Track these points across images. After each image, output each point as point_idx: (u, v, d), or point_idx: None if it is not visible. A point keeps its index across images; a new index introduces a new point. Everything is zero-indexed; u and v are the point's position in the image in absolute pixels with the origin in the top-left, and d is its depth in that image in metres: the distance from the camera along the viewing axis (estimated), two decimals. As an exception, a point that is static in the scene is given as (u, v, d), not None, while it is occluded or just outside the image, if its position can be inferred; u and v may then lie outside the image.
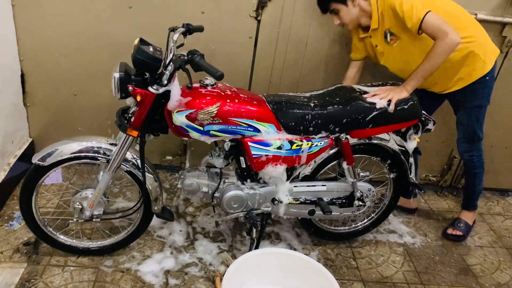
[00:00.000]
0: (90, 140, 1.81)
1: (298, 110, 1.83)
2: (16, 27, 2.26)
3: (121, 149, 1.76)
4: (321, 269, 1.76)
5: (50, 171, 1.80)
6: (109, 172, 1.79)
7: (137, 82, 1.65)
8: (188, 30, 1.75)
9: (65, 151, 1.76)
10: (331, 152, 1.98)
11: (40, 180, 1.82)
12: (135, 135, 1.73)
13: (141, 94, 1.63)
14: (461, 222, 2.52)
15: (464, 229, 2.50)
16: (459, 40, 1.81)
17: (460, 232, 2.48)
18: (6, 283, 1.81)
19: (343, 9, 2.01)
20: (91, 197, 1.84)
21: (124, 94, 1.66)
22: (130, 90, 1.63)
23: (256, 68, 2.46)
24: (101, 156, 1.79)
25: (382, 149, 2.08)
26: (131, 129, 1.71)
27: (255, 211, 1.99)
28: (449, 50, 1.82)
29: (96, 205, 1.86)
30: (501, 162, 2.84)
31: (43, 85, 2.43)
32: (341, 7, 2.01)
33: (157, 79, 1.64)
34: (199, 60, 1.60)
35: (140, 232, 2.06)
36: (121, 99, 1.68)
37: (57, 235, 1.98)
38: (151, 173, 1.88)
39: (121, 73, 1.63)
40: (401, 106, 1.88)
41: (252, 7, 2.29)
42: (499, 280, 2.22)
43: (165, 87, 1.65)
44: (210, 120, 1.72)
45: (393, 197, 2.26)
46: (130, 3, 2.24)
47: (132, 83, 1.64)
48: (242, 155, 1.90)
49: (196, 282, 1.96)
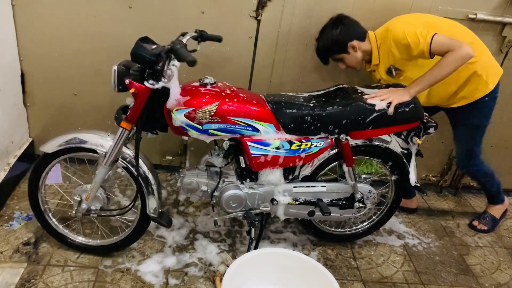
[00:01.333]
0: (92, 133, 1.87)
1: (297, 110, 1.83)
2: (16, 27, 2.26)
3: (117, 143, 1.77)
4: (321, 269, 1.76)
5: (54, 161, 1.89)
6: (105, 166, 1.81)
7: (135, 76, 1.66)
8: (200, 35, 1.75)
9: (68, 140, 1.85)
10: (331, 153, 1.98)
11: (46, 168, 1.90)
12: (129, 128, 1.74)
13: (136, 88, 1.65)
14: (486, 216, 2.60)
15: (490, 222, 2.58)
16: (472, 54, 1.81)
17: (485, 226, 2.57)
18: (6, 283, 1.81)
19: (346, 56, 2.07)
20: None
21: (121, 87, 1.67)
22: (127, 83, 1.64)
23: (256, 68, 2.46)
24: (100, 150, 1.81)
25: (383, 151, 2.07)
26: (126, 122, 1.73)
27: (254, 211, 1.99)
28: (461, 61, 1.82)
29: (92, 198, 1.88)
30: (501, 162, 2.84)
31: (43, 85, 2.43)
32: (344, 56, 2.06)
33: (153, 74, 1.65)
34: (177, 47, 1.57)
35: (138, 235, 2.03)
36: (119, 92, 1.69)
37: (61, 227, 2.02)
38: (150, 173, 1.87)
39: (120, 66, 1.65)
40: (402, 108, 1.87)
41: (252, 7, 2.29)
42: (499, 280, 2.22)
43: (161, 82, 1.65)
44: (208, 119, 1.73)
45: (394, 200, 2.24)
46: (130, 3, 2.24)
47: (130, 77, 1.65)
48: (241, 155, 1.90)
49: (196, 282, 1.96)
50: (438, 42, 1.83)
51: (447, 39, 1.84)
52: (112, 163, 1.81)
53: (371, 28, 2.12)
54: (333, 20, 2.07)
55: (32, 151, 2.60)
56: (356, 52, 2.05)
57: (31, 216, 2.20)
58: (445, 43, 1.83)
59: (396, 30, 1.94)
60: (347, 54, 2.06)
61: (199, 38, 1.78)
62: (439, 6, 2.31)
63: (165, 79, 1.64)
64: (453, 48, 1.81)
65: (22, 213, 2.22)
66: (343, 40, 2.02)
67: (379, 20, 2.31)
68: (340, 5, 2.28)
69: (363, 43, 2.04)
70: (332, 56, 2.11)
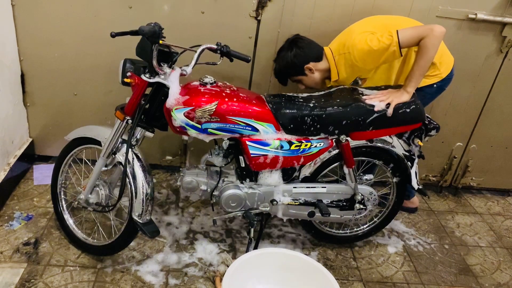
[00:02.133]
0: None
1: (297, 111, 1.82)
2: (16, 27, 2.26)
3: (114, 135, 1.81)
4: (321, 269, 1.76)
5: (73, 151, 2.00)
6: (103, 157, 1.84)
7: (138, 69, 1.72)
8: (220, 49, 1.75)
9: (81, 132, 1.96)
10: (332, 153, 1.97)
11: (68, 155, 2.01)
12: (121, 118, 1.77)
13: (133, 79, 1.71)
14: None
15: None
16: (443, 29, 1.80)
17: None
18: (6, 283, 1.81)
19: (304, 78, 2.06)
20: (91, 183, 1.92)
21: (125, 80, 1.73)
22: (128, 75, 1.71)
23: (256, 68, 2.46)
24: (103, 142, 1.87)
25: (385, 152, 2.06)
26: (120, 112, 1.78)
27: (253, 211, 1.99)
28: (438, 41, 1.81)
29: (90, 190, 1.92)
30: (501, 162, 2.84)
31: (43, 85, 2.43)
32: (301, 78, 2.05)
33: (150, 69, 1.69)
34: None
35: (128, 238, 1.97)
36: (123, 85, 1.75)
37: (67, 212, 2.10)
38: (142, 175, 1.82)
39: (127, 59, 1.74)
40: (403, 109, 1.87)
41: (252, 7, 2.29)
42: (499, 280, 2.22)
43: (157, 77, 1.69)
44: (208, 118, 1.73)
45: (396, 202, 2.23)
46: (130, 3, 2.24)
47: (132, 70, 1.72)
48: (241, 154, 1.90)
49: (196, 282, 1.96)
50: (406, 36, 1.80)
51: (412, 30, 1.82)
52: (110, 155, 1.84)
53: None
54: (289, 42, 2.04)
55: (32, 151, 2.60)
56: (313, 73, 2.02)
57: (31, 216, 2.20)
58: (413, 34, 1.80)
59: (357, 43, 1.87)
60: (304, 76, 2.04)
61: (217, 51, 1.75)
62: (439, 6, 2.31)
63: (162, 75, 1.68)
64: (424, 34, 1.79)
65: (22, 213, 2.22)
66: (298, 63, 1.99)
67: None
68: (340, 5, 2.28)
69: (319, 63, 2.00)
70: (290, 78, 2.09)
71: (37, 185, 2.46)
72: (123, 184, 1.76)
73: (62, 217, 2.09)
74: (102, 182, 1.94)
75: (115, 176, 1.97)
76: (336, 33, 2.08)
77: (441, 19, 2.33)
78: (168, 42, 1.65)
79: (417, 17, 2.17)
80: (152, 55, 1.62)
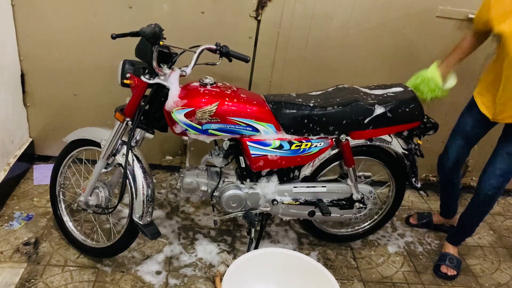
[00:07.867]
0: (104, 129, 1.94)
1: (297, 111, 1.83)
2: (16, 27, 2.26)
3: (114, 137, 1.80)
4: (321, 269, 1.76)
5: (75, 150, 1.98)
6: (103, 159, 1.83)
7: (137, 71, 1.71)
8: (219, 49, 1.75)
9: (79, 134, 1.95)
10: (332, 153, 1.98)
11: (67, 157, 2.00)
12: (121, 120, 1.76)
13: (133, 81, 1.71)
14: (454, 259, 2.20)
15: (458, 265, 2.20)
16: None
17: (455, 271, 2.17)
18: (6, 283, 1.81)
19: None
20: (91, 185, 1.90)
21: (125, 81, 1.73)
22: (128, 76, 1.70)
23: (256, 68, 2.46)
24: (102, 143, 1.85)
25: (384, 151, 2.07)
26: (119, 113, 1.77)
27: (254, 211, 1.99)
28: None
29: (90, 192, 1.91)
30: (501, 162, 2.84)
31: (43, 85, 2.43)
32: None
33: (150, 70, 1.69)
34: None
35: (129, 240, 1.94)
36: (122, 86, 1.75)
37: (65, 214, 2.08)
38: (142, 175, 1.80)
39: (127, 60, 1.72)
40: (402, 108, 1.88)
41: (252, 7, 2.29)
42: (499, 280, 2.22)
43: (157, 78, 1.69)
44: (208, 119, 1.73)
45: (395, 200, 2.24)
46: (130, 3, 2.24)
47: (132, 71, 1.71)
48: (242, 155, 1.90)
49: (196, 282, 1.96)
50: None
51: None
52: (109, 156, 1.83)
53: (369, 32, 2.10)
54: None
55: (32, 151, 2.60)
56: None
57: (31, 216, 2.20)
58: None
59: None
60: None
61: (216, 52, 1.76)
62: (439, 6, 2.31)
63: (162, 75, 1.68)
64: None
65: (22, 213, 2.22)
66: None
67: (379, 21, 2.32)
68: (340, 5, 2.28)
69: None
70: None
71: (37, 185, 2.46)
72: (123, 186, 1.76)
73: (61, 219, 2.07)
74: (102, 184, 1.93)
75: (115, 178, 1.97)
76: (337, 33, 2.08)
77: (441, 19, 2.33)
78: (167, 43, 1.65)
79: (417, 17, 2.18)
80: (152, 56, 1.62)
